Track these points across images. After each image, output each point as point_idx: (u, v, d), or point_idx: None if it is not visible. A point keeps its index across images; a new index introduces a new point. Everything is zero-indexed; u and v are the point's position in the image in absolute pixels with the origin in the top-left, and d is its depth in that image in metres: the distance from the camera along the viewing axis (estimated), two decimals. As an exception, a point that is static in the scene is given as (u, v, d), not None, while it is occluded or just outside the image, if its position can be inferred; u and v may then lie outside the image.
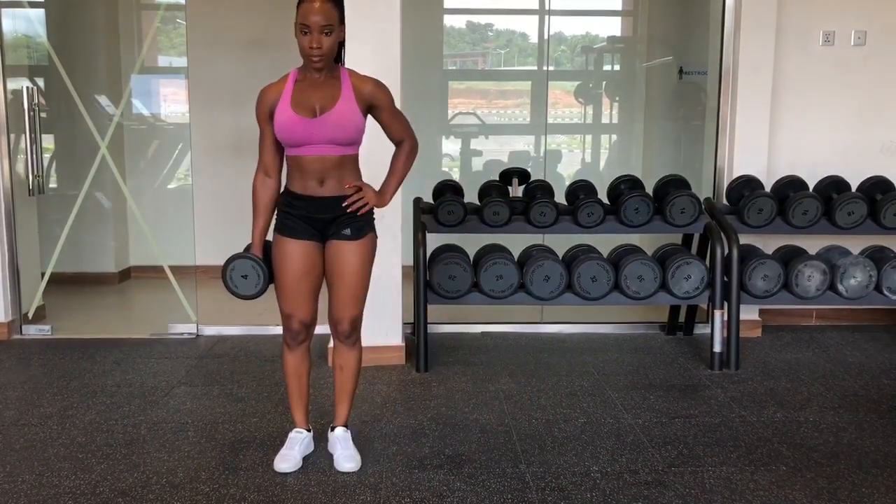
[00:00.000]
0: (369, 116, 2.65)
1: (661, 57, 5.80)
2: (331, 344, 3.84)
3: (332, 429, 2.83)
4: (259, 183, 2.68)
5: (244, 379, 3.68)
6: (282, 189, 2.70)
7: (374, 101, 2.60)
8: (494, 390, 3.52)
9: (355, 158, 2.64)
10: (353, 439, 2.93)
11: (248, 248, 2.74)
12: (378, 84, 2.62)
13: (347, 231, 2.63)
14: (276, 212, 2.71)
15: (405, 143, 2.73)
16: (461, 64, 6.26)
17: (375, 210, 2.71)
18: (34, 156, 4.40)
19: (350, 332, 2.73)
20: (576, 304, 3.84)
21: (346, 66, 2.66)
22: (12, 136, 4.40)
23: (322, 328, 2.84)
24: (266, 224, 2.70)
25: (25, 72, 4.75)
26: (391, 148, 2.77)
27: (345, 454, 2.75)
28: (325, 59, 2.50)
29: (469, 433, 3.04)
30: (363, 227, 2.66)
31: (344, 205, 2.60)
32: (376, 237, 2.74)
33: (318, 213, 2.61)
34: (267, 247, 2.74)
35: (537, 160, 5.80)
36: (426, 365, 3.80)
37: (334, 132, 2.53)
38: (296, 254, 2.63)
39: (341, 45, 2.61)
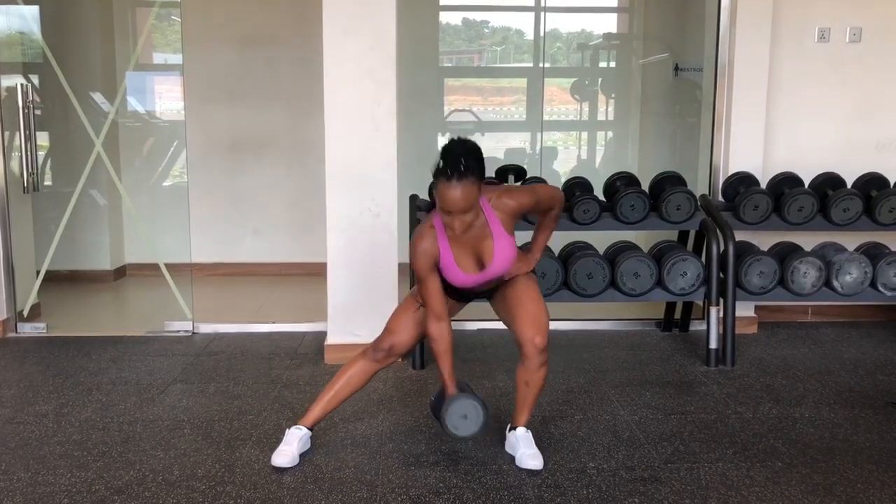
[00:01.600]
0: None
1: (656, 54, 5.81)
2: (327, 341, 3.86)
3: (513, 429, 2.82)
4: (436, 331, 2.63)
5: (240, 376, 3.68)
6: None
7: (520, 211, 2.66)
8: (491, 387, 3.52)
9: None
10: (348, 436, 2.94)
11: (442, 392, 2.74)
12: (512, 195, 2.64)
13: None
14: None
15: (555, 209, 2.79)
16: (457, 61, 6.25)
17: (369, 208, 2.71)
18: (29, 153, 4.38)
19: (543, 346, 2.67)
20: (572, 300, 3.84)
21: (338, 65, 2.63)
22: (7, 133, 4.39)
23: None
24: (452, 365, 2.68)
25: (20, 69, 4.73)
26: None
27: (528, 452, 2.73)
28: (469, 226, 2.52)
29: (465, 430, 3.04)
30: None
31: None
32: (535, 273, 2.85)
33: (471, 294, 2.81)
34: (461, 385, 2.76)
35: (533, 157, 5.80)
36: (423, 362, 3.79)
37: (499, 272, 2.65)
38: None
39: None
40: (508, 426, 2.86)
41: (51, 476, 2.65)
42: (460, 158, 2.41)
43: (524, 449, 2.74)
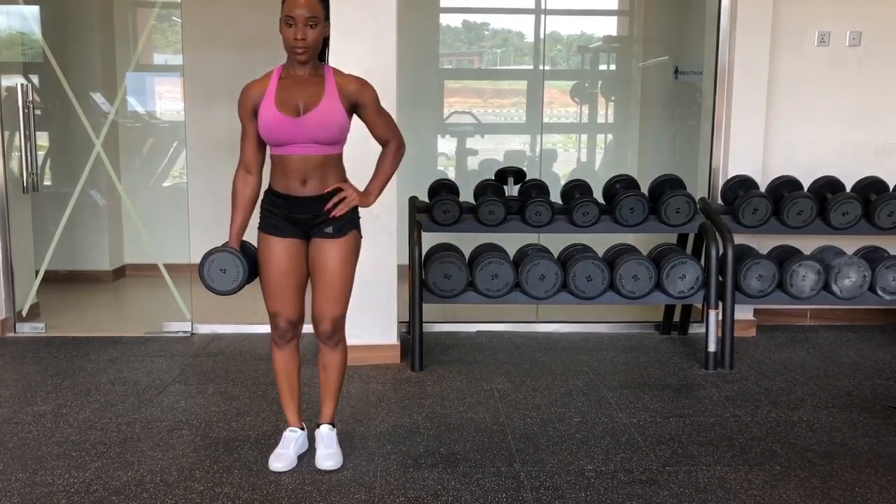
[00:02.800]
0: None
1: (656, 57, 5.81)
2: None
3: (318, 426, 2.81)
4: (240, 180, 2.67)
5: (239, 377, 3.67)
6: (265, 187, 2.69)
7: (359, 100, 2.58)
8: (489, 389, 3.52)
9: (339, 158, 2.63)
10: (346, 437, 2.94)
11: (225, 245, 2.70)
12: (362, 82, 2.60)
13: (329, 229, 2.61)
14: (259, 210, 2.68)
15: (391, 142, 2.70)
16: (457, 63, 6.26)
17: (369, 209, 2.70)
18: (28, 153, 4.38)
19: (331, 332, 2.67)
20: (571, 303, 3.85)
21: (338, 65, 2.67)
22: (6, 133, 4.39)
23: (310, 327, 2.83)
24: (244, 221, 2.68)
25: (20, 69, 4.74)
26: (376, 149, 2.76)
27: (325, 452, 2.73)
28: (309, 52, 2.49)
29: (464, 432, 3.04)
30: (345, 225, 2.63)
31: (326, 208, 2.58)
32: (360, 236, 2.72)
33: (299, 213, 2.60)
34: (245, 246, 2.72)
35: (533, 159, 5.80)
36: (421, 364, 3.80)
37: (317, 132, 2.51)
38: (279, 251, 2.62)
39: (326, 43, 2.61)
40: (315, 423, 2.83)
41: (49, 476, 2.65)
42: None
43: (323, 448, 2.74)
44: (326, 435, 2.77)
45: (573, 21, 5.97)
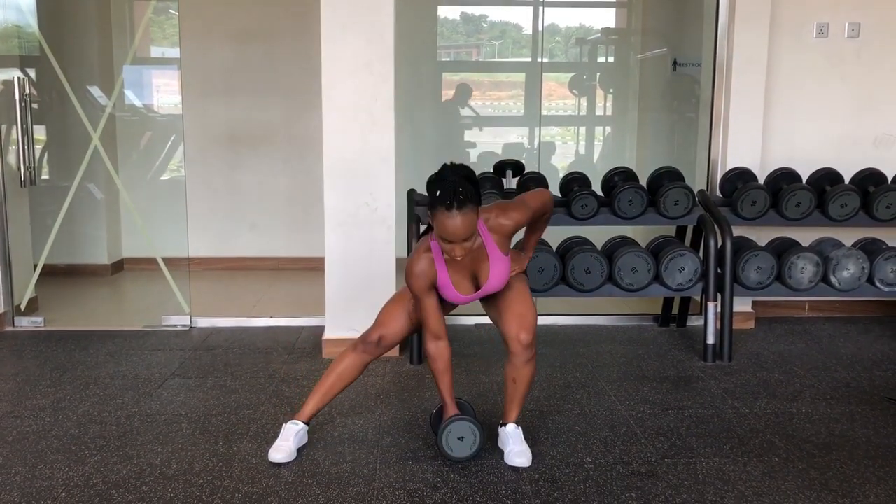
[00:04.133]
0: None
1: (655, 49, 5.80)
2: (325, 336, 3.86)
3: (503, 425, 2.79)
4: (434, 350, 2.66)
5: (238, 371, 3.68)
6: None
7: (516, 229, 2.65)
8: (488, 382, 3.52)
9: None
10: (346, 430, 2.94)
11: (440, 410, 2.80)
12: (508, 215, 2.59)
13: None
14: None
15: (547, 212, 2.78)
16: (455, 55, 6.24)
17: (368, 203, 2.71)
18: (26, 147, 4.37)
19: (529, 343, 2.65)
20: (570, 295, 3.84)
21: (336, 59, 2.62)
22: (3, 126, 4.38)
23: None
24: (452, 383, 2.71)
25: (16, 62, 4.72)
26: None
27: (516, 449, 2.72)
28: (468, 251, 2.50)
29: (463, 425, 3.05)
30: None
31: None
32: (526, 274, 2.83)
33: None
34: (461, 404, 2.83)
35: (531, 152, 5.79)
36: (420, 357, 3.80)
37: (495, 289, 2.66)
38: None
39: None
40: (500, 422, 2.85)
41: (48, 470, 2.65)
42: (458, 186, 2.38)
43: (512, 446, 2.74)
44: (513, 433, 2.76)
45: (571, 13, 5.97)
